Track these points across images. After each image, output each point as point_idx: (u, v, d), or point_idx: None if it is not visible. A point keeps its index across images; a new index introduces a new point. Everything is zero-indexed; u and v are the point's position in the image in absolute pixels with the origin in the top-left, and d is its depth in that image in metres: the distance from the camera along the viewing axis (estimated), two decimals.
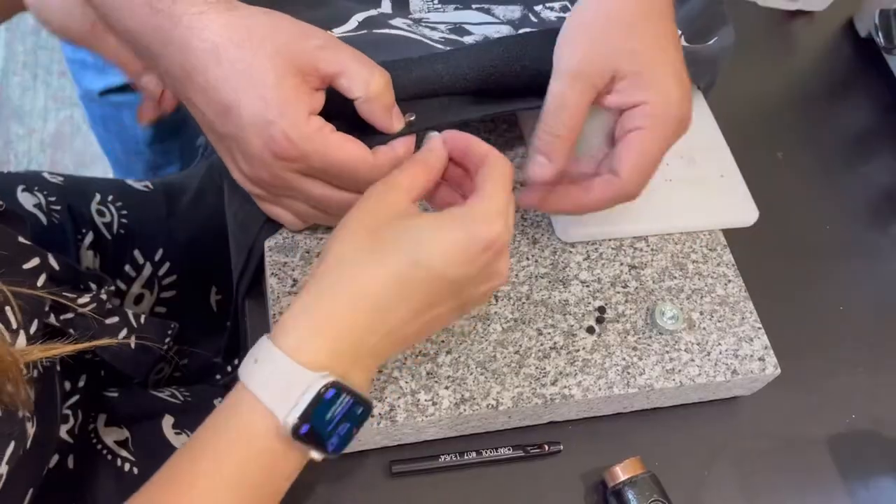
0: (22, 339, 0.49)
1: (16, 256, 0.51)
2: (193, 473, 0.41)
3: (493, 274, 0.45)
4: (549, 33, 0.55)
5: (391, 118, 0.48)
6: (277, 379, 0.41)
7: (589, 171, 0.52)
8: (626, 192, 0.51)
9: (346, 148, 0.46)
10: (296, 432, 0.40)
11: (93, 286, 0.60)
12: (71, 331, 0.56)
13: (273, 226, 0.55)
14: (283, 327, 0.42)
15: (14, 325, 0.48)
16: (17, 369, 0.45)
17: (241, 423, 0.41)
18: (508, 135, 0.63)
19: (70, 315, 0.56)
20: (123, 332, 0.62)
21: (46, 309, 0.52)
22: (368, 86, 0.46)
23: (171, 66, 0.46)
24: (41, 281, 0.53)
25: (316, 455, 0.42)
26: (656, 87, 0.49)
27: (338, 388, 0.41)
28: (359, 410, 0.42)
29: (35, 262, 0.52)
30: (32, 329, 0.50)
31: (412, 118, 0.50)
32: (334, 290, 0.42)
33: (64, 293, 0.57)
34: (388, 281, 0.42)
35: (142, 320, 0.63)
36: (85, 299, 0.58)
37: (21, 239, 0.52)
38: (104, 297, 0.60)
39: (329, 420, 0.41)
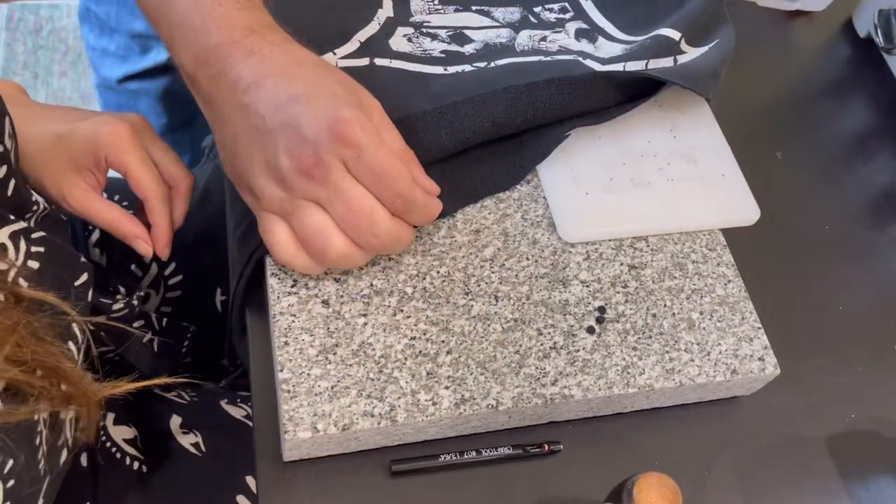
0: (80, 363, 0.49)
1: (72, 274, 0.51)
2: None
3: None
4: (551, 83, 0.56)
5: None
6: None
7: None
8: None
9: (405, 172, 0.49)
10: None
11: (122, 289, 0.60)
12: (103, 334, 0.57)
13: None
14: None
15: (77, 359, 0.48)
16: (96, 406, 0.45)
17: None
18: None
19: (101, 318, 0.57)
20: (148, 335, 0.62)
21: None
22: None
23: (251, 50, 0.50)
24: (90, 296, 0.53)
25: None
26: None
27: None
28: None
29: (84, 277, 0.52)
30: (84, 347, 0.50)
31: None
32: None
33: (101, 299, 0.57)
34: None
35: (164, 323, 0.64)
36: (119, 305, 0.58)
37: (82, 259, 0.53)
38: (135, 302, 0.60)
39: None
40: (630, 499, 0.45)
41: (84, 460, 0.58)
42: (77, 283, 0.52)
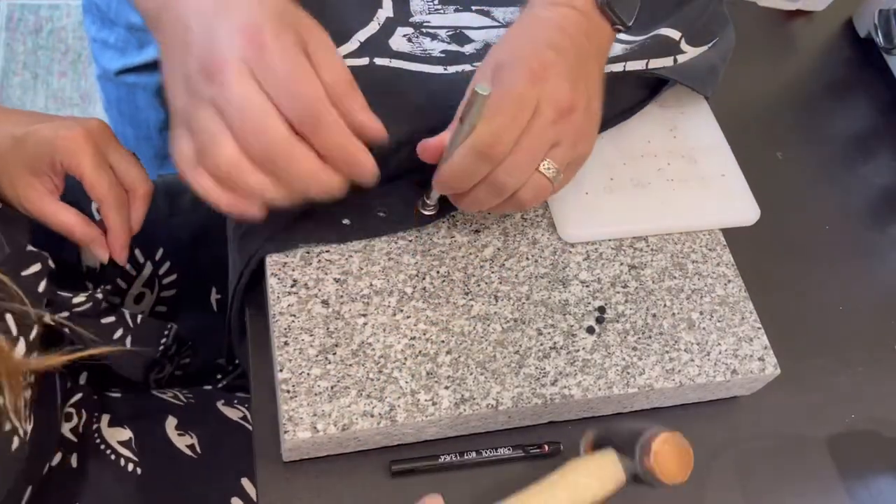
0: (21, 346, 0.49)
1: (19, 261, 0.51)
2: None
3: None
4: None
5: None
6: None
7: None
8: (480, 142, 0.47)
9: (314, 80, 0.44)
10: None
11: (89, 285, 0.60)
12: (66, 331, 0.56)
13: (272, 244, 0.55)
14: None
15: (14, 332, 0.48)
16: (16, 380, 0.45)
17: None
18: None
19: (65, 314, 0.56)
20: (119, 332, 0.61)
21: (45, 315, 0.53)
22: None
23: None
24: (42, 286, 0.53)
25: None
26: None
27: None
28: None
29: (36, 267, 0.52)
30: (32, 335, 0.50)
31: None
32: None
33: (59, 292, 0.57)
34: None
35: (138, 320, 0.63)
36: (80, 298, 0.58)
37: (29, 247, 0.53)
38: (100, 296, 0.60)
39: None
40: (648, 449, 0.46)
41: (74, 461, 0.58)
42: (24, 272, 0.52)
